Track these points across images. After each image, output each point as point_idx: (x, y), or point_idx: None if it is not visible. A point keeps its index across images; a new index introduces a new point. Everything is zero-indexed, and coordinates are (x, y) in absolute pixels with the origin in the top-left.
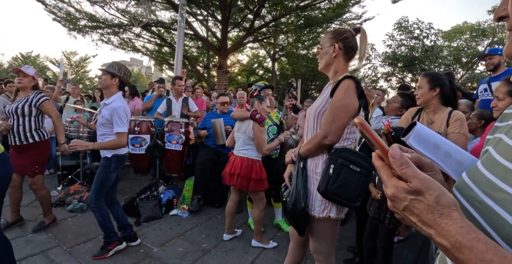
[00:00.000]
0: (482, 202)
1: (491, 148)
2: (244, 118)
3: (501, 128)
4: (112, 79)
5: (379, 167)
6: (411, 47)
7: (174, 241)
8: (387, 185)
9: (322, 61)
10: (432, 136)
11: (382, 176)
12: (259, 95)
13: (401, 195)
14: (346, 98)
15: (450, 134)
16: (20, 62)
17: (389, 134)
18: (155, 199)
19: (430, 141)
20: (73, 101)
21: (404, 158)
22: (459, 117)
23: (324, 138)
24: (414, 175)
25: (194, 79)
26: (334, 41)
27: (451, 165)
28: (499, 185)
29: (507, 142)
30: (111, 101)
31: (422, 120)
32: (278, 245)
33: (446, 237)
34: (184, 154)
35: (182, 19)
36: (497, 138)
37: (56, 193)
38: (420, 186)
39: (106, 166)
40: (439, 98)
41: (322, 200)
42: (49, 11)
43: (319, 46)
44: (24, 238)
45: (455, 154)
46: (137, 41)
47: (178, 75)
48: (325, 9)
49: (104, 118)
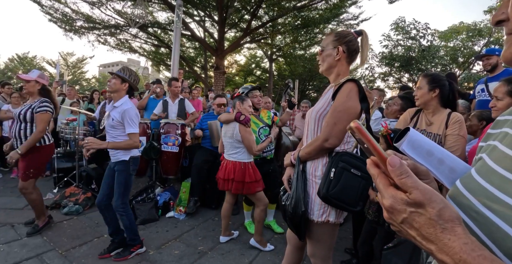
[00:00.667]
0: (479, 212)
1: (485, 156)
2: (230, 121)
3: (495, 135)
4: (122, 84)
5: (375, 175)
6: (408, 47)
7: (171, 243)
8: (383, 195)
9: (325, 63)
10: (425, 142)
11: (378, 185)
12: (240, 95)
13: (399, 206)
14: (349, 102)
15: (449, 135)
16: (16, 63)
17: (388, 136)
18: (152, 201)
19: (423, 147)
20: (69, 103)
21: (404, 166)
22: (458, 119)
23: (325, 140)
24: (415, 185)
25: (191, 80)
26: (337, 43)
27: (444, 172)
28: (497, 195)
29: (503, 149)
30: (121, 104)
31: (421, 121)
32: (275, 247)
33: (449, 254)
34: (180, 156)
35: (178, 19)
36: (491, 145)
37: (52, 195)
38: (421, 198)
39: (125, 170)
40: (439, 100)
41: (321, 203)
42: (45, 12)
43: (321, 48)
44: (19, 241)
45: (448, 161)
46: (134, 42)
47: (175, 76)
48: (322, 9)
49: (115, 120)
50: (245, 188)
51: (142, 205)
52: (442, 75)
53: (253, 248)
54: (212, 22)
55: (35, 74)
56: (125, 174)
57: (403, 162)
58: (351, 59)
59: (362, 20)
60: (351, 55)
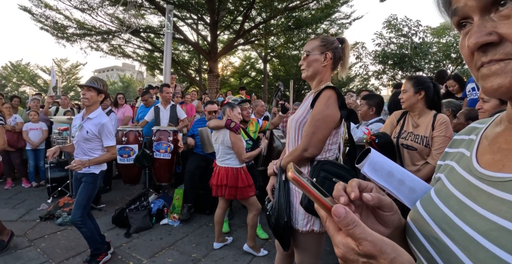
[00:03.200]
0: (439, 239)
1: (443, 177)
2: (220, 128)
3: (452, 155)
4: (98, 95)
5: (323, 217)
6: (401, 45)
7: (164, 251)
8: (334, 241)
9: (310, 69)
10: (386, 164)
11: (328, 229)
12: (230, 102)
13: (351, 256)
14: (327, 110)
15: (436, 137)
16: (10, 71)
17: (372, 142)
18: (145, 209)
19: (384, 169)
20: (63, 112)
21: (349, 216)
22: (444, 120)
23: (304, 150)
24: (363, 236)
25: (186, 83)
26: (325, 49)
27: (404, 192)
28: (455, 222)
29: (460, 172)
30: (95, 116)
31: (407, 124)
32: (269, 253)
33: None
34: (173, 162)
35: (170, 24)
36: (449, 166)
37: (46, 206)
38: (371, 250)
39: (93, 182)
40: (424, 102)
41: (304, 213)
42: (36, 20)
43: (306, 52)
44: (12, 254)
45: (408, 181)
46: (127, 47)
47: (167, 81)
48: (314, 9)
49: (89, 133)
50: (238, 193)
51: (136, 213)
52: (426, 78)
53: (247, 254)
54: (205, 25)
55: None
56: (92, 186)
57: (349, 211)
58: (335, 66)
59: (354, 19)
60: (335, 62)
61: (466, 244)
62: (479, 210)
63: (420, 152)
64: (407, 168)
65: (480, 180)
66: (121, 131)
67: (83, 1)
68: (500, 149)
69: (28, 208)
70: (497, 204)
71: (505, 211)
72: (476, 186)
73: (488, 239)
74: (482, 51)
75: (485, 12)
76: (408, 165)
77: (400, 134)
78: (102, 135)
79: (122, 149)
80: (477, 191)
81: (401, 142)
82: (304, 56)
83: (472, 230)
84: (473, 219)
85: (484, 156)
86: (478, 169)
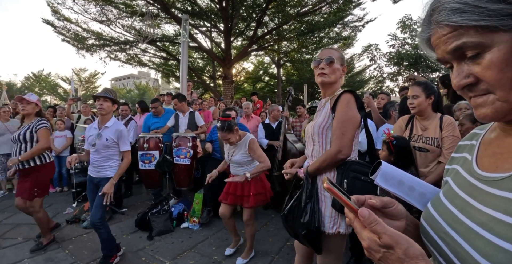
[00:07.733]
0: (447, 233)
1: (450, 180)
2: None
3: (457, 159)
4: (113, 105)
5: (351, 218)
6: (415, 46)
7: (186, 254)
8: (361, 236)
9: (333, 76)
10: (396, 173)
11: (355, 227)
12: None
13: (375, 247)
14: (350, 112)
15: (445, 137)
16: (32, 82)
17: (390, 143)
18: (166, 213)
19: (395, 178)
20: (84, 119)
21: (372, 216)
22: (451, 122)
23: (338, 152)
24: (383, 231)
25: (200, 89)
26: (343, 62)
27: (415, 197)
28: (459, 217)
29: (463, 175)
30: (112, 124)
31: (416, 127)
32: (288, 254)
33: None
34: (193, 168)
35: (185, 33)
36: (454, 170)
37: (72, 210)
38: (389, 241)
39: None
40: (432, 105)
41: (331, 216)
42: (58, 32)
43: (331, 59)
44: (43, 255)
45: (418, 187)
46: (144, 56)
47: (184, 89)
48: (326, 13)
49: (109, 140)
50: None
51: (158, 217)
52: (430, 82)
53: (266, 255)
54: (218, 32)
55: (34, 97)
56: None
57: (371, 213)
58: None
59: (367, 21)
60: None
61: (467, 234)
62: (478, 206)
63: (432, 152)
64: (420, 170)
65: (479, 180)
66: (142, 138)
67: (101, 14)
68: (494, 153)
69: (55, 212)
70: (492, 199)
71: (498, 205)
72: (476, 186)
73: (485, 229)
74: (467, 89)
75: (460, 60)
76: (421, 167)
77: (410, 137)
78: (120, 140)
79: (144, 155)
80: (477, 190)
81: (413, 144)
82: (328, 62)
83: (472, 222)
84: (473, 213)
85: (482, 159)
86: (477, 171)
